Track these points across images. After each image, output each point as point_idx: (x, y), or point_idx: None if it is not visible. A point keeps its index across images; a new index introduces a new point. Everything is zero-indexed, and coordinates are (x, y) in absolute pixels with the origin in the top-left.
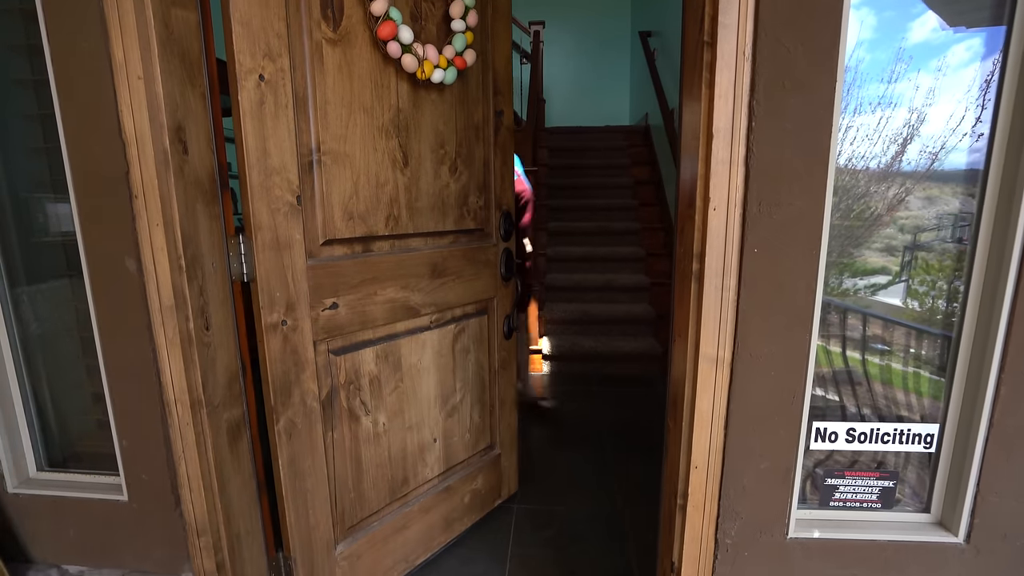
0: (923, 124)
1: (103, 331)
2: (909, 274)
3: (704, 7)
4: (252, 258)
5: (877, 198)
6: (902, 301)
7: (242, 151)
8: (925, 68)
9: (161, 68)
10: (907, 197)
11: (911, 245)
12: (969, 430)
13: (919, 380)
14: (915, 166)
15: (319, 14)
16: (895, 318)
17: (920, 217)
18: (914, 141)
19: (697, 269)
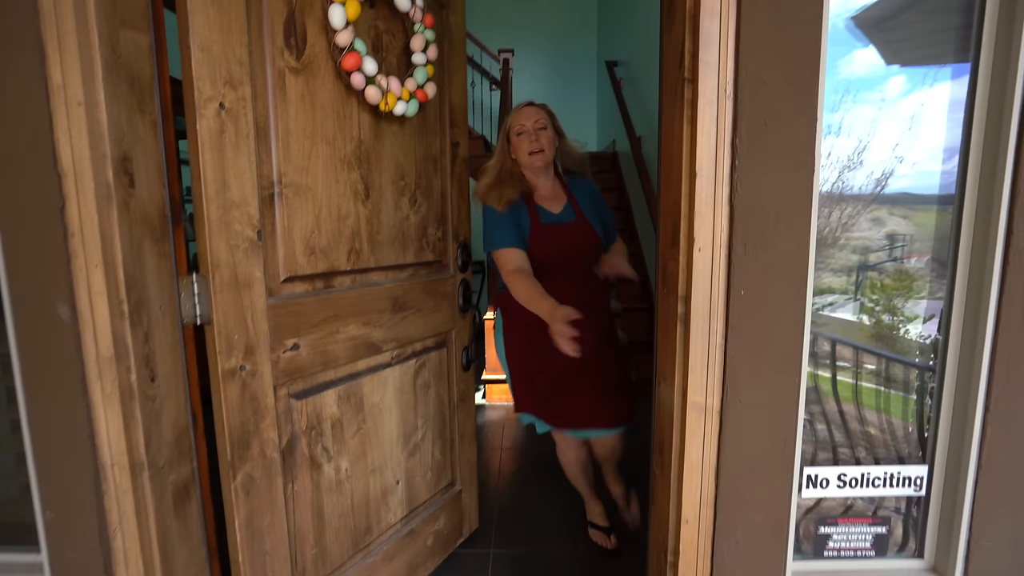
0: (866, 151)
1: (28, 387)
2: (862, 292)
3: (684, 43)
4: (208, 299)
5: (833, 220)
6: (855, 316)
7: (200, 184)
8: (867, 99)
9: (106, 93)
10: (858, 219)
11: (863, 265)
12: (958, 472)
13: (888, 399)
14: (861, 190)
15: (282, 42)
16: (878, 349)
17: (869, 238)
18: (862, 167)
19: (683, 312)
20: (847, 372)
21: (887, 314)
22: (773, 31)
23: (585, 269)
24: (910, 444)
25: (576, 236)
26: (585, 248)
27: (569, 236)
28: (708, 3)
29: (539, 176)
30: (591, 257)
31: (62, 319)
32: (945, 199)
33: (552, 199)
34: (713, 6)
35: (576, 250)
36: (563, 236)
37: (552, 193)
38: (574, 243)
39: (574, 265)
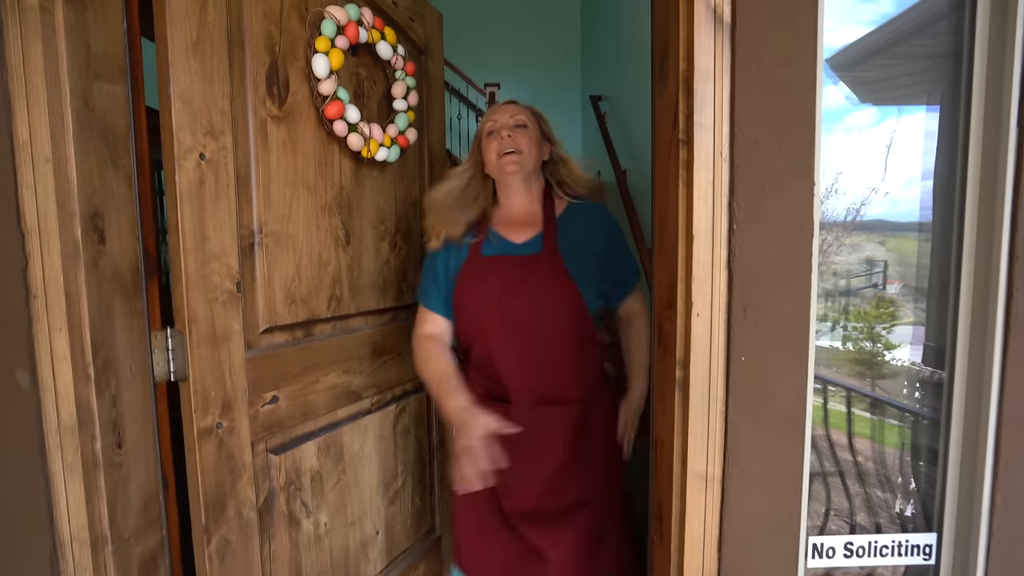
0: (840, 180)
1: None
2: (845, 319)
3: (678, 104)
4: (183, 355)
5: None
6: (841, 345)
7: (177, 237)
8: (838, 129)
9: (76, 149)
10: (835, 246)
11: (845, 291)
12: (968, 540)
13: (893, 432)
14: (840, 217)
15: (264, 91)
16: (883, 396)
17: (849, 262)
18: (837, 195)
19: (681, 377)
20: (837, 399)
21: (868, 341)
22: (767, 95)
23: (551, 343)
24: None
25: (529, 276)
26: (545, 301)
27: (518, 275)
28: (702, 67)
29: (513, 191)
30: (563, 321)
31: (20, 386)
32: (921, 226)
33: (520, 224)
34: (707, 69)
35: (529, 303)
36: (508, 273)
37: (525, 217)
38: (525, 290)
39: (529, 332)
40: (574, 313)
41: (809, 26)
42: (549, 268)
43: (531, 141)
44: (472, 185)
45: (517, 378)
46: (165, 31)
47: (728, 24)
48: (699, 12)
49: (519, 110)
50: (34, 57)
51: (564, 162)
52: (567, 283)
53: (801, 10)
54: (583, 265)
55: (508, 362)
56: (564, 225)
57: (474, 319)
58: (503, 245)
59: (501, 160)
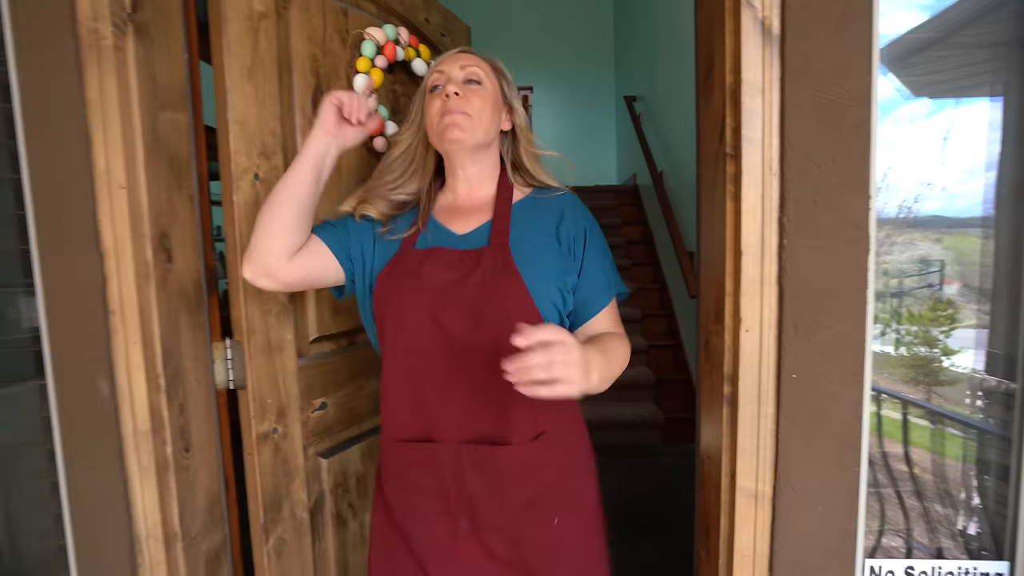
0: (891, 174)
1: (68, 459)
2: (898, 321)
3: (724, 118)
4: (242, 364)
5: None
6: (894, 349)
7: (235, 254)
8: (888, 121)
9: (147, 175)
10: (887, 244)
11: (897, 291)
12: None
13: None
14: (892, 214)
15: (310, 111)
16: (940, 408)
17: (901, 261)
18: (888, 190)
19: (729, 392)
20: (891, 406)
21: (923, 345)
22: (819, 107)
23: (492, 364)
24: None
25: (469, 277)
26: (486, 310)
27: (455, 274)
28: (750, 80)
29: (458, 166)
30: (509, 336)
31: (102, 394)
32: (984, 221)
33: (466, 212)
34: (755, 83)
35: (467, 310)
36: (443, 272)
37: (473, 202)
38: (462, 294)
39: (464, 349)
40: (524, 322)
41: (863, 33)
42: (495, 266)
43: (485, 102)
44: (409, 154)
45: (446, 409)
46: (222, 60)
47: (777, 36)
48: (746, 25)
49: (474, 60)
50: (110, 92)
51: (525, 139)
52: (515, 287)
53: (855, 18)
54: (540, 267)
55: (436, 388)
56: (522, 216)
57: (396, 330)
58: (441, 236)
59: (443, 122)
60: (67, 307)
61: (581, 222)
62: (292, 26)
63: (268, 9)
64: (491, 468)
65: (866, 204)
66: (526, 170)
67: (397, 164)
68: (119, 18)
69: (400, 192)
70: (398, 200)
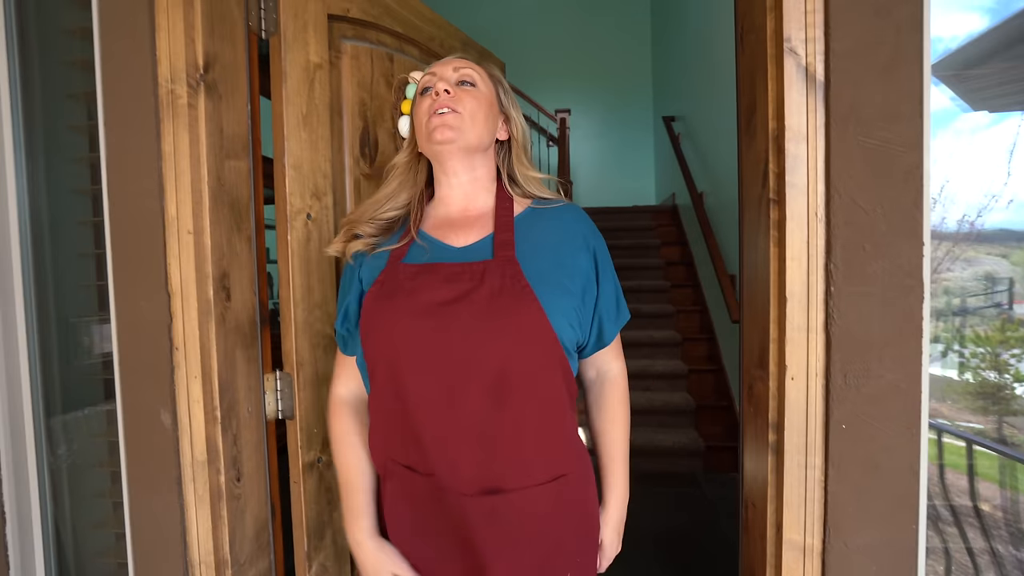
0: (949, 187)
1: (132, 485)
2: (961, 343)
3: (767, 163)
4: (291, 396)
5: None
6: (957, 374)
7: (288, 290)
8: (944, 132)
9: (211, 220)
10: (946, 260)
11: (959, 310)
12: None
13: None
14: (951, 228)
15: (358, 152)
16: (1012, 452)
17: (964, 279)
18: (946, 204)
19: (774, 440)
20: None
21: (992, 370)
22: (867, 153)
23: (501, 396)
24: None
25: (475, 293)
26: (496, 330)
27: (457, 290)
28: (793, 127)
29: (451, 172)
30: (524, 361)
31: (164, 425)
32: None
33: (462, 224)
34: (799, 130)
35: (471, 331)
36: (442, 289)
37: (468, 213)
38: (467, 312)
39: (468, 378)
40: (540, 348)
41: (912, 77)
42: (502, 281)
43: (479, 104)
44: (402, 169)
45: (446, 450)
46: (281, 110)
47: (821, 82)
48: (789, 72)
49: (468, 64)
50: (182, 146)
51: (520, 149)
52: (528, 303)
53: (903, 61)
54: (553, 281)
55: (433, 425)
56: (525, 229)
57: (386, 357)
58: (436, 250)
59: (431, 122)
60: (137, 342)
61: (591, 240)
62: (343, 74)
63: (323, 60)
64: (502, 520)
65: (919, 251)
66: (522, 183)
67: (392, 185)
68: (193, 79)
69: (389, 207)
70: (388, 218)
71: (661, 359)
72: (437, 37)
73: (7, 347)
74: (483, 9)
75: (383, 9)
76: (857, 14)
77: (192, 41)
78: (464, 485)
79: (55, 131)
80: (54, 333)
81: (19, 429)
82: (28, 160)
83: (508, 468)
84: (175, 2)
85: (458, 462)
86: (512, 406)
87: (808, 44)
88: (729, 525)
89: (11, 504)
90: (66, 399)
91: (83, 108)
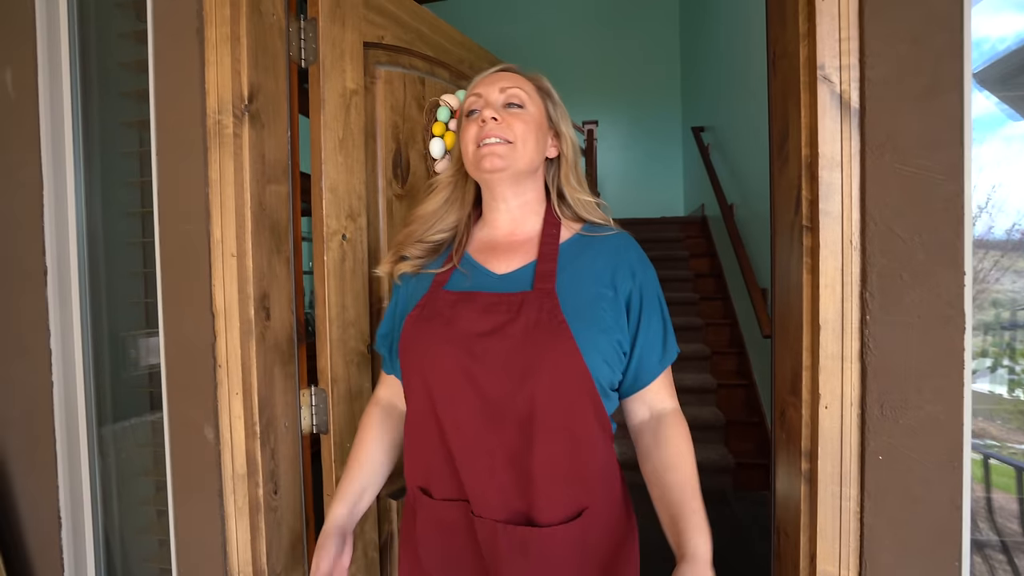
0: (997, 194)
1: (176, 496)
2: (1011, 358)
3: (800, 189)
4: (325, 410)
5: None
6: (1007, 391)
7: (324, 309)
8: (990, 138)
9: (253, 243)
10: (995, 271)
11: (1009, 323)
12: None
13: None
14: (1000, 237)
15: (391, 174)
16: None
17: (1015, 290)
18: (993, 212)
19: (807, 469)
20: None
21: None
22: (904, 181)
23: (534, 430)
24: None
25: (511, 326)
26: (529, 365)
27: (494, 321)
28: (827, 155)
29: (499, 198)
30: (555, 398)
31: (207, 439)
32: None
33: (506, 249)
34: (833, 157)
35: (505, 365)
36: (480, 319)
37: (514, 238)
38: (501, 345)
39: (502, 411)
40: (572, 385)
41: (953, 104)
42: (539, 316)
43: (529, 127)
44: (448, 190)
45: (479, 475)
46: (320, 136)
47: (856, 110)
48: (823, 99)
49: (515, 80)
50: (227, 173)
51: (572, 170)
52: (563, 341)
53: (942, 88)
54: (592, 318)
55: (466, 451)
56: (570, 257)
57: (422, 381)
58: (478, 276)
59: (480, 151)
60: (183, 360)
61: (639, 274)
62: (377, 98)
63: (358, 86)
64: (533, 553)
65: (960, 280)
66: (571, 204)
67: (437, 200)
68: (238, 109)
69: (437, 230)
70: (436, 241)
71: (689, 373)
72: (467, 59)
73: (65, 360)
74: (511, 21)
75: (415, 35)
76: (893, 41)
77: (238, 74)
78: (496, 511)
79: (111, 157)
80: (106, 347)
81: (75, 439)
82: (87, 183)
83: (538, 499)
84: (223, 38)
85: (490, 487)
86: (541, 440)
87: (843, 71)
88: (761, 547)
89: (66, 511)
90: (115, 410)
91: (136, 135)
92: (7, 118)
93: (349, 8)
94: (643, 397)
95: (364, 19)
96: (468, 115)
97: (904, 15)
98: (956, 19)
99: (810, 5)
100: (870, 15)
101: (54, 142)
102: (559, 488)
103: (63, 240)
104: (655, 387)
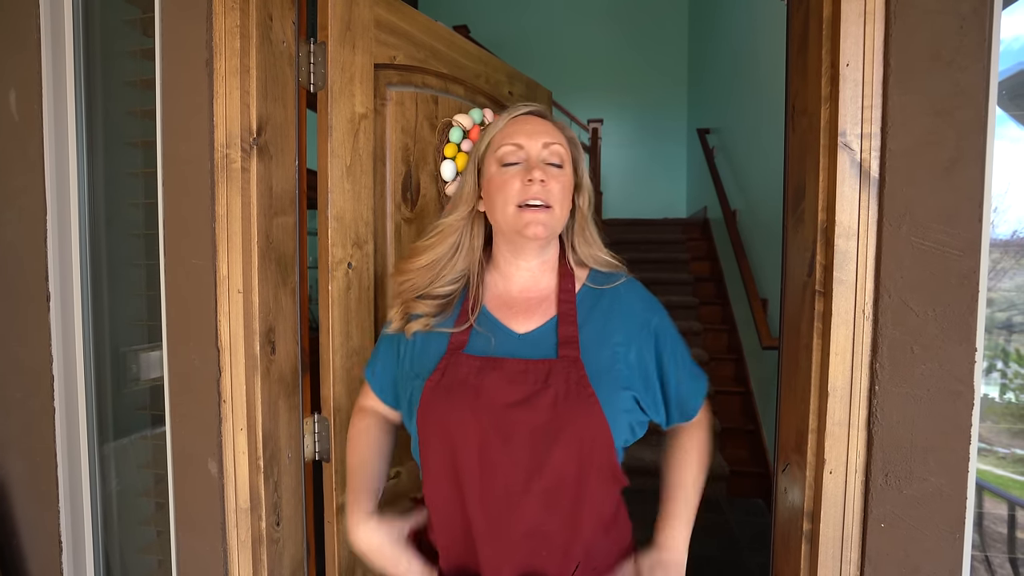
0: (1008, 194)
1: (179, 528)
2: (1004, 361)
3: (814, 254)
4: (328, 439)
5: None
6: (999, 394)
7: (328, 338)
8: (1000, 135)
9: (259, 278)
10: (997, 271)
11: (1004, 325)
12: None
13: None
14: (1004, 236)
15: (400, 197)
16: None
17: (1007, 289)
18: (1005, 211)
19: (808, 529)
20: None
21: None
22: (921, 255)
23: (558, 503)
24: None
25: (539, 398)
26: (558, 440)
27: (522, 392)
28: (844, 222)
29: (524, 258)
30: (581, 472)
31: (211, 473)
32: None
33: (525, 306)
34: (850, 226)
35: (532, 440)
36: (508, 389)
37: (531, 293)
38: (531, 419)
39: (527, 484)
40: (598, 455)
41: (974, 179)
42: (567, 387)
43: (565, 190)
44: (457, 235)
45: (495, 548)
46: (326, 164)
47: (876, 179)
48: (843, 166)
49: (555, 136)
50: (235, 208)
51: (587, 223)
52: (592, 413)
53: (964, 163)
54: (614, 380)
55: (486, 522)
56: (586, 312)
57: (446, 451)
58: (500, 337)
59: (523, 215)
60: (188, 395)
61: (653, 322)
62: (387, 120)
63: (368, 110)
64: None
65: (971, 357)
66: (579, 255)
67: (444, 247)
68: (247, 143)
69: (447, 281)
70: (445, 294)
71: None
72: (483, 74)
73: (67, 385)
74: (518, 18)
75: (429, 52)
76: (916, 112)
77: (247, 107)
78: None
79: (115, 175)
80: (108, 366)
81: (76, 463)
82: (91, 203)
83: (552, 561)
84: (232, 70)
85: (505, 561)
86: (563, 507)
87: (864, 140)
88: (752, 557)
89: (67, 533)
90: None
91: (141, 154)
92: (11, 141)
93: (360, 30)
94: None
95: (376, 40)
96: (505, 164)
97: (929, 87)
98: (982, 94)
99: (833, 68)
100: (895, 85)
101: (58, 166)
102: (574, 549)
103: (66, 265)
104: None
